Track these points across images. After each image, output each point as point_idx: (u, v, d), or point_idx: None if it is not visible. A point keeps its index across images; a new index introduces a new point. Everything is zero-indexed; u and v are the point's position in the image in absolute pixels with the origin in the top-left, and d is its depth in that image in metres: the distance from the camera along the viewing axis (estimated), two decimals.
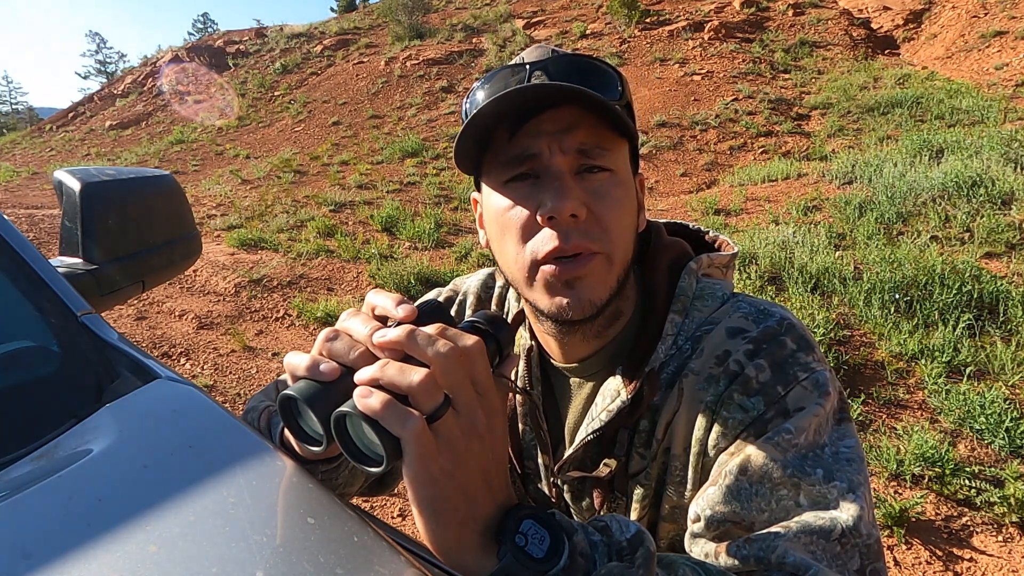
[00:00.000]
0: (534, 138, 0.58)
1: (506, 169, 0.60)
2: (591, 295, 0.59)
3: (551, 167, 0.58)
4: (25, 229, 5.83)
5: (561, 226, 0.57)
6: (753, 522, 0.53)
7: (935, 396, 2.73)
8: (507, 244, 0.61)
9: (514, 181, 0.60)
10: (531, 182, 0.59)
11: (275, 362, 3.65)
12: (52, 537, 0.41)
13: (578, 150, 0.58)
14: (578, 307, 0.59)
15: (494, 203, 0.62)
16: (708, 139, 9.39)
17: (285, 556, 0.41)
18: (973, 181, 4.73)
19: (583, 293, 0.59)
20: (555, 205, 0.56)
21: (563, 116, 0.58)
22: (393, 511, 2.40)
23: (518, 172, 0.59)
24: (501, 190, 0.61)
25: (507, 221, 0.60)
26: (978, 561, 2.01)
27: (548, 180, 0.58)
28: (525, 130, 0.58)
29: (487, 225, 0.66)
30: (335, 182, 9.04)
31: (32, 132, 20.02)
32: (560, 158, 0.58)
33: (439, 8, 19.65)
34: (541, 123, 0.58)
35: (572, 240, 0.57)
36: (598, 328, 0.65)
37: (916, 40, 13.36)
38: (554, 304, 0.59)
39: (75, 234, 0.92)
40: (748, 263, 4.04)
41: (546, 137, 0.58)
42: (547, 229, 0.58)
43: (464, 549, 0.42)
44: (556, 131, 0.58)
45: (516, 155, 0.59)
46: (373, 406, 0.39)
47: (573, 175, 0.58)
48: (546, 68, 0.59)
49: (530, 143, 0.58)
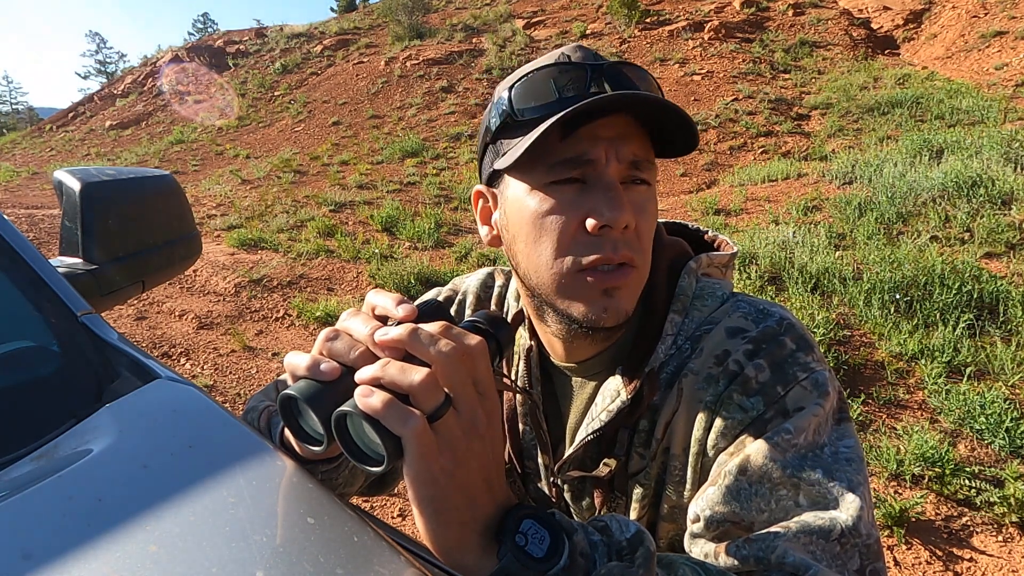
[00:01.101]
0: (592, 143, 0.57)
1: (553, 171, 0.58)
2: (626, 305, 0.59)
3: (604, 175, 0.57)
4: (25, 229, 5.83)
5: (612, 236, 0.57)
6: (753, 522, 0.53)
7: (935, 396, 2.73)
8: (542, 248, 0.59)
9: (558, 184, 0.58)
10: (577, 187, 0.58)
11: (275, 362, 3.65)
12: (52, 537, 0.41)
13: (631, 161, 0.58)
14: (613, 316, 0.59)
15: (531, 204, 0.59)
16: (708, 139, 9.39)
17: (285, 556, 0.41)
18: (973, 181, 4.73)
19: (619, 303, 0.59)
20: (612, 215, 0.55)
21: (618, 124, 0.57)
22: (393, 511, 2.40)
23: (567, 176, 0.58)
24: (543, 191, 0.58)
25: (546, 224, 0.58)
26: (978, 561, 2.01)
27: (600, 188, 0.57)
28: (582, 133, 0.57)
29: (512, 225, 0.63)
30: (335, 182, 9.04)
31: (32, 132, 20.02)
32: (615, 167, 0.57)
33: (439, 8, 19.65)
34: (599, 128, 0.57)
35: (620, 251, 0.57)
36: (612, 332, 0.65)
37: (916, 40, 13.36)
38: (591, 312, 0.59)
39: (75, 234, 0.92)
40: (748, 263, 4.04)
41: (604, 143, 0.57)
42: (597, 237, 0.57)
43: (464, 549, 0.42)
44: (613, 138, 0.57)
45: (571, 158, 0.57)
46: (374, 405, 0.39)
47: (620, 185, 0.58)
48: (604, 72, 0.58)
49: (588, 148, 0.57)
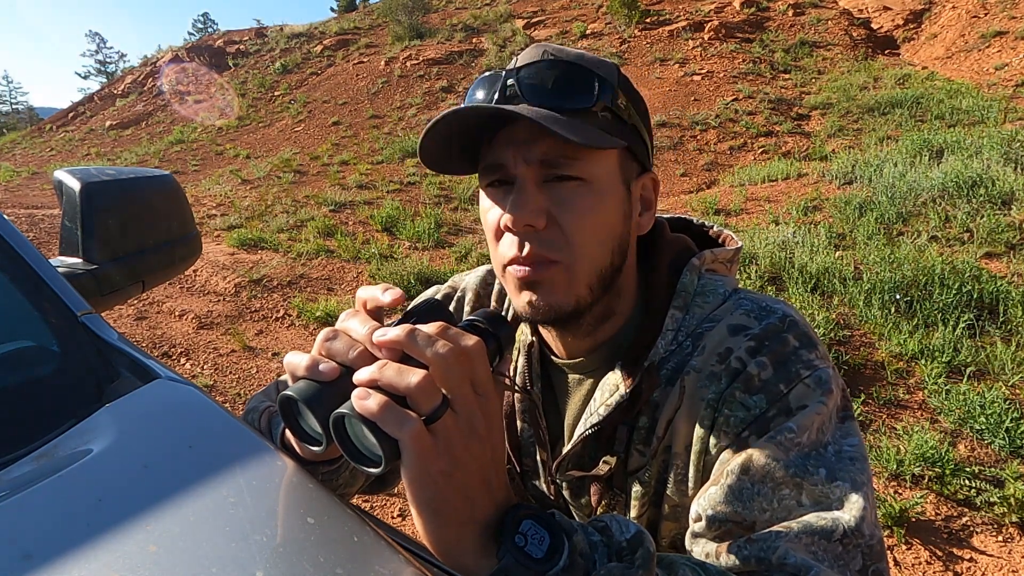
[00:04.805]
0: (504, 147, 0.60)
1: (485, 174, 0.63)
2: (550, 300, 0.60)
3: (515, 177, 0.59)
4: (25, 229, 5.83)
5: (523, 235, 0.59)
6: (754, 522, 0.53)
7: (935, 396, 2.73)
8: (489, 243, 0.65)
9: (492, 186, 0.63)
10: (505, 188, 0.61)
11: (275, 362, 3.65)
12: (52, 537, 0.41)
13: (540, 160, 0.58)
14: (538, 310, 0.61)
15: (481, 204, 0.65)
16: (708, 139, 9.38)
17: (285, 556, 0.41)
18: (973, 181, 4.72)
19: (542, 298, 0.60)
20: (510, 216, 0.58)
21: (529, 126, 0.58)
22: (393, 511, 2.39)
23: (495, 178, 0.62)
24: (485, 192, 0.64)
25: (487, 223, 0.64)
26: (978, 561, 2.01)
27: (514, 189, 0.59)
28: (499, 138, 0.60)
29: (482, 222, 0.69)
30: (335, 182, 9.04)
31: (32, 132, 20.01)
32: (523, 168, 0.59)
33: (439, 8, 19.64)
34: (511, 132, 0.59)
35: (529, 249, 0.59)
36: (587, 327, 0.66)
37: (916, 40, 13.35)
38: (519, 304, 0.62)
39: (75, 234, 0.92)
40: (748, 263, 4.04)
41: (512, 147, 0.59)
42: (512, 236, 0.60)
43: (464, 549, 0.42)
44: (522, 141, 0.59)
45: (490, 163, 0.61)
46: (370, 408, 0.39)
47: (540, 184, 0.59)
48: (518, 78, 0.60)
49: (500, 152, 0.60)
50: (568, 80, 0.59)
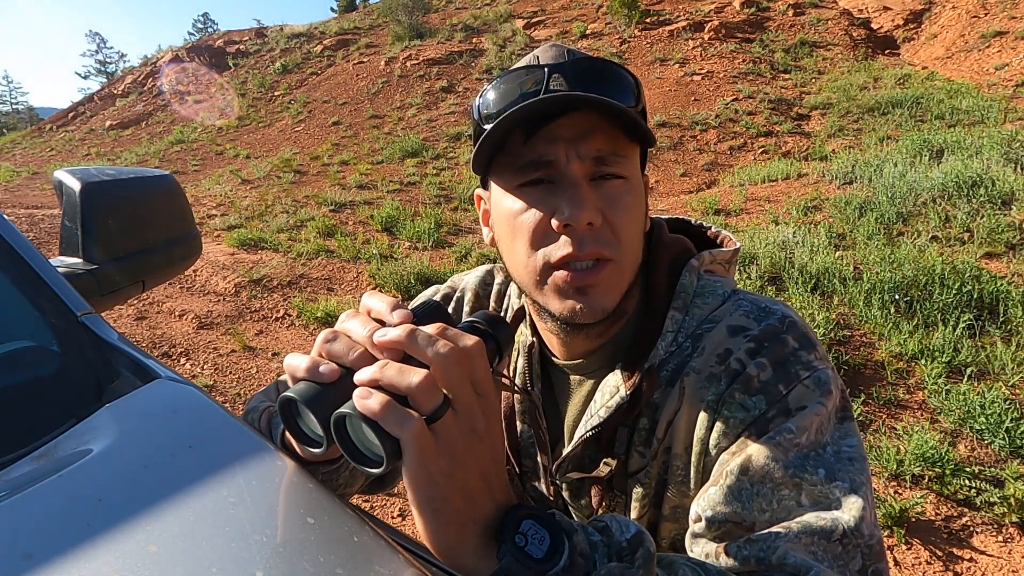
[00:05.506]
0: (550, 144, 0.58)
1: (520, 173, 0.60)
2: (602, 302, 0.59)
3: (567, 174, 0.58)
4: (25, 229, 5.83)
5: (576, 233, 0.57)
6: (754, 522, 0.53)
7: (935, 396, 2.73)
8: (517, 247, 0.62)
9: (528, 185, 0.60)
10: (545, 187, 0.59)
11: (275, 362, 3.65)
12: (52, 537, 0.41)
13: (594, 157, 0.58)
14: (590, 312, 0.59)
15: (506, 206, 0.62)
16: (708, 139, 9.38)
17: (285, 556, 0.41)
18: (973, 181, 4.72)
19: (595, 300, 0.59)
20: (572, 213, 0.56)
21: (580, 122, 0.57)
22: (393, 511, 2.39)
23: (533, 177, 0.59)
24: (515, 193, 0.61)
25: (519, 225, 0.60)
26: (978, 561, 2.01)
27: (564, 187, 0.58)
28: (541, 135, 0.58)
29: (495, 225, 0.66)
30: (335, 182, 9.04)
31: (32, 132, 20.01)
32: (577, 165, 0.58)
33: (439, 8, 19.63)
34: (558, 128, 0.58)
35: (587, 248, 0.57)
36: (602, 328, 0.66)
37: (916, 40, 13.35)
38: (565, 308, 0.60)
39: (75, 234, 0.92)
40: (748, 263, 4.04)
41: (563, 143, 0.58)
42: (562, 236, 0.58)
43: (464, 549, 0.42)
44: (573, 137, 0.57)
45: (532, 160, 0.59)
46: (372, 407, 0.39)
47: (588, 182, 0.58)
48: (564, 71, 0.58)
49: (546, 149, 0.58)
50: (613, 78, 0.60)
